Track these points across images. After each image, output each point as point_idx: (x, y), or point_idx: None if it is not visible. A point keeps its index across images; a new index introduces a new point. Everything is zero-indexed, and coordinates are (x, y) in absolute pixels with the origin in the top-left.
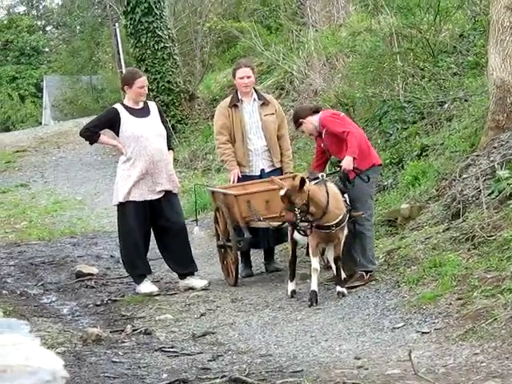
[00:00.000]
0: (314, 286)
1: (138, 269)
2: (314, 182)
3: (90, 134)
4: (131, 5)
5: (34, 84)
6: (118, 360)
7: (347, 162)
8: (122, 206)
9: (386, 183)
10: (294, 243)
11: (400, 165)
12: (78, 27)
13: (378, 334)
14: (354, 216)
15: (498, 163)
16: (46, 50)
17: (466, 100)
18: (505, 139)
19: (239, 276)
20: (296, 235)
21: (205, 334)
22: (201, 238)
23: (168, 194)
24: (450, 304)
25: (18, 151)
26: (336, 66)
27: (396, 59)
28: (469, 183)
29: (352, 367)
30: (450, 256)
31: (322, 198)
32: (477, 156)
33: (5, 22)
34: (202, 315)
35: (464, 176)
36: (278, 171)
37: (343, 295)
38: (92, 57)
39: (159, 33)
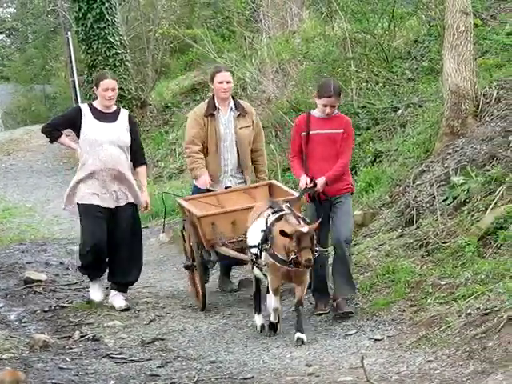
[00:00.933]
0: (273, 319)
1: (88, 269)
2: (277, 215)
3: (51, 131)
4: (83, 11)
5: None
6: (65, 366)
7: (321, 183)
8: (79, 209)
9: None
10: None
11: (353, 171)
12: (31, 36)
13: (329, 340)
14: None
15: (452, 169)
16: None
17: (420, 106)
18: (459, 145)
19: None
20: (255, 271)
21: (154, 340)
22: (164, 242)
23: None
24: (404, 311)
25: None
26: (289, 73)
27: (350, 64)
28: (423, 190)
29: (303, 374)
30: (404, 263)
31: None
32: (431, 162)
33: None
34: (151, 321)
35: (418, 182)
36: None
37: (302, 342)
38: (45, 65)
39: (111, 39)
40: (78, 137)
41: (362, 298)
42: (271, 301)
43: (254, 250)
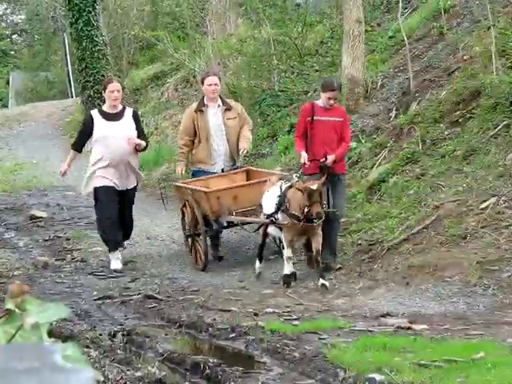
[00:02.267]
0: (287, 271)
1: (108, 239)
2: (289, 183)
3: (80, 146)
4: (75, 17)
5: (2, 78)
6: (60, 281)
7: (331, 160)
8: (94, 192)
9: (264, 152)
10: (266, 234)
11: (274, 138)
12: (37, 36)
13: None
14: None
15: (351, 138)
16: (12, 52)
17: (306, 94)
18: (353, 119)
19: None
20: (271, 230)
21: (126, 262)
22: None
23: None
24: None
25: None
26: (228, 65)
27: (272, 59)
28: None
29: (236, 288)
30: None
31: None
32: None
33: None
34: (124, 248)
35: None
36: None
37: (326, 288)
38: (47, 58)
39: (96, 39)
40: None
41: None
42: (286, 252)
43: (269, 212)
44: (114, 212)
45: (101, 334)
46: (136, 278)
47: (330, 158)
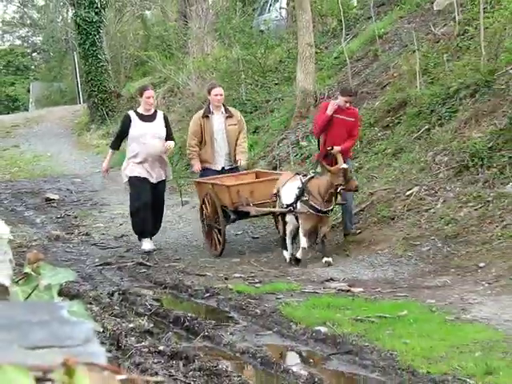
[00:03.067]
0: (299, 255)
1: (140, 228)
2: (309, 176)
3: (118, 144)
4: (83, 39)
5: (24, 87)
6: (69, 250)
7: (337, 149)
8: (129, 181)
9: None
10: (285, 224)
11: None
12: (52, 53)
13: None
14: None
15: (300, 137)
16: (32, 67)
17: (282, 99)
18: (305, 123)
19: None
20: (288, 219)
21: (122, 235)
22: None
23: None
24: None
25: (13, 125)
26: (205, 79)
27: (241, 74)
28: (283, 149)
29: (210, 257)
30: None
31: None
32: (288, 133)
33: (8, 49)
34: (120, 225)
35: (280, 145)
36: (235, 169)
37: (329, 264)
38: (60, 71)
39: (99, 57)
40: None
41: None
42: (302, 241)
43: (289, 203)
44: (148, 200)
45: (101, 293)
46: (130, 249)
47: (336, 148)
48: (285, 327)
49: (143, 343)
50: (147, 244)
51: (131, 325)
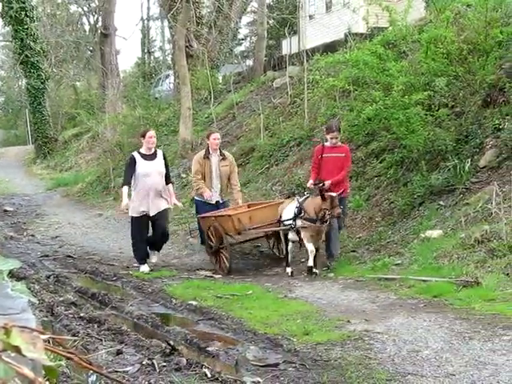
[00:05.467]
0: (311, 263)
1: (137, 255)
2: (304, 197)
3: (127, 184)
4: (32, 100)
5: None
6: (19, 246)
7: (327, 184)
8: (132, 218)
9: None
10: (287, 243)
11: None
12: (11, 109)
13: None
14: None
15: (181, 171)
16: None
17: (169, 145)
18: (184, 162)
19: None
20: (290, 236)
21: (56, 236)
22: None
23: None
24: None
25: None
26: (117, 130)
27: (141, 127)
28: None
29: (117, 252)
30: None
31: None
32: (173, 168)
33: None
34: (56, 229)
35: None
36: (226, 202)
37: (316, 274)
38: (16, 122)
39: (43, 113)
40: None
41: None
42: (309, 246)
43: (290, 222)
44: (144, 236)
45: (41, 276)
46: (62, 246)
47: (327, 183)
48: (168, 301)
49: (69, 311)
50: (144, 267)
51: (61, 298)
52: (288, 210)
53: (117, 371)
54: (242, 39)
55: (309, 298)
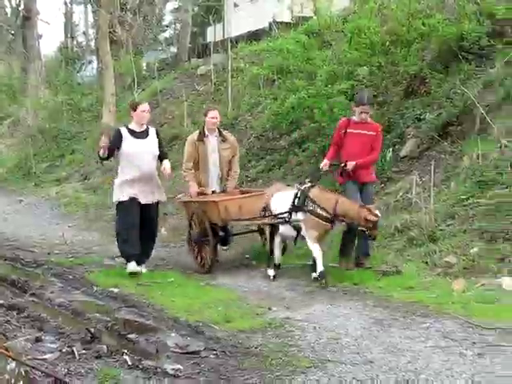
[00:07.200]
0: (320, 267)
1: (126, 250)
2: (309, 184)
3: (105, 157)
4: None
5: None
6: None
7: (350, 166)
8: (118, 204)
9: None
10: (272, 237)
11: (63, 156)
12: None
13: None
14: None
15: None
16: None
17: (91, 131)
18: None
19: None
20: (283, 230)
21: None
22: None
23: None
24: None
25: None
26: (38, 115)
27: (63, 113)
28: (92, 164)
29: (38, 238)
30: None
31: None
32: (95, 154)
33: None
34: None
35: (90, 161)
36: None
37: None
38: None
39: None
40: (119, 150)
41: None
42: (315, 248)
43: (284, 214)
44: (135, 222)
45: None
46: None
47: (350, 164)
48: (89, 288)
49: None
50: (132, 266)
51: None
52: (278, 199)
53: (36, 358)
54: (167, 26)
55: (231, 286)
